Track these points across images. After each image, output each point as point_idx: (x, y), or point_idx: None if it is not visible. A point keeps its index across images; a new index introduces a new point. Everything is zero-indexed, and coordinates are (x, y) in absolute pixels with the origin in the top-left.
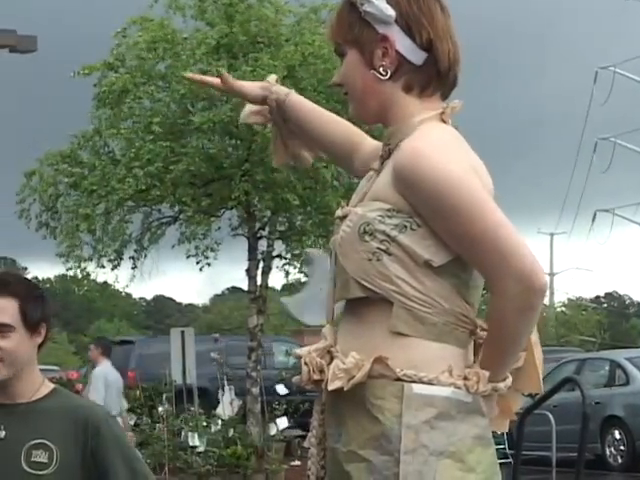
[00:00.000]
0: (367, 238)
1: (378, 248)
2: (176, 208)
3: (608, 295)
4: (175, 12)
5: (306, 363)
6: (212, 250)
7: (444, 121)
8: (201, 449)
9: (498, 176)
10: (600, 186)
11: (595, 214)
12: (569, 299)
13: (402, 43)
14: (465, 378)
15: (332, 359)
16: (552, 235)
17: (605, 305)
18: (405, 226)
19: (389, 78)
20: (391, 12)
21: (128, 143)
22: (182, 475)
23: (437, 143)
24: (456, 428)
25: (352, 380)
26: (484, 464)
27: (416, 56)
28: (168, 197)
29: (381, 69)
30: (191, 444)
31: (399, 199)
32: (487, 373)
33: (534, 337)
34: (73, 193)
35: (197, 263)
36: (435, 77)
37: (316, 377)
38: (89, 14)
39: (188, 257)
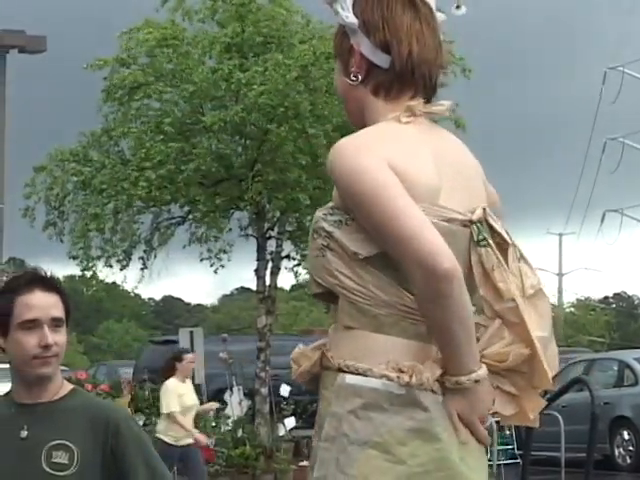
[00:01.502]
0: (315, 236)
1: (322, 244)
2: (185, 208)
3: (617, 295)
4: (184, 18)
5: (294, 360)
6: (224, 252)
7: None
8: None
9: (509, 178)
10: (609, 186)
11: (604, 214)
12: (578, 299)
13: (366, 48)
14: (400, 370)
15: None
16: (561, 235)
17: (614, 305)
18: (341, 222)
19: (361, 83)
20: (352, 20)
21: (138, 143)
22: None
23: (355, 139)
24: (386, 420)
25: (299, 369)
26: (422, 458)
27: (381, 59)
28: (179, 197)
29: (351, 75)
30: None
31: (336, 196)
32: (422, 367)
33: (539, 333)
34: (81, 192)
35: (211, 266)
36: (397, 78)
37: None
38: (97, 14)
39: (202, 260)
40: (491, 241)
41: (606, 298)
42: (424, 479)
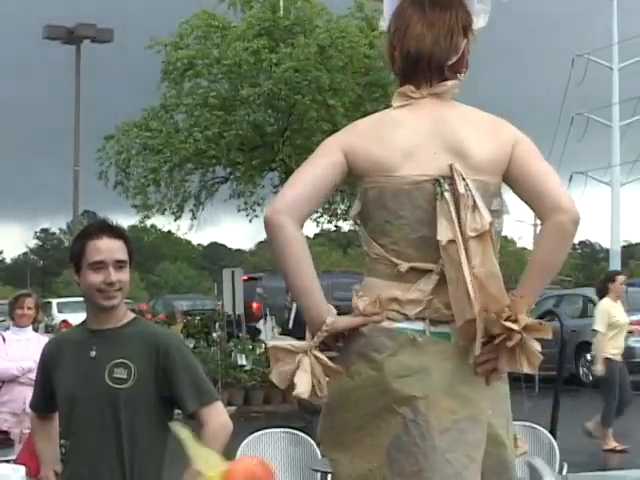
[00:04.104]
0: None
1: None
2: (227, 170)
3: (582, 243)
4: (229, 7)
5: None
6: (258, 204)
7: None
8: (248, 367)
9: None
10: (576, 153)
11: (571, 176)
12: None
13: (394, 49)
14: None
15: None
16: None
17: (580, 251)
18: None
19: (397, 75)
20: (384, 27)
21: (189, 114)
22: (232, 389)
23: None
24: (347, 345)
25: None
26: (363, 375)
27: (396, 58)
28: (222, 159)
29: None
30: (239, 363)
31: None
32: (368, 299)
33: (480, 269)
34: (142, 153)
35: (247, 216)
36: (402, 72)
37: None
38: (157, 11)
39: (239, 211)
40: (447, 194)
41: (573, 245)
42: (360, 392)
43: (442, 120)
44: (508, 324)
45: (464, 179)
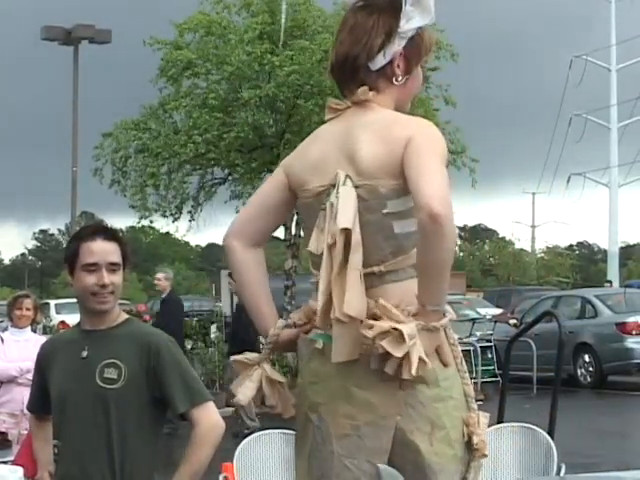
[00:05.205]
0: None
1: None
2: (226, 171)
3: (580, 244)
4: (224, 10)
5: None
6: None
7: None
8: None
9: (493, 148)
10: (574, 154)
11: (569, 177)
12: (548, 247)
13: None
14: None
15: None
16: (534, 194)
17: (577, 252)
18: None
19: None
20: None
21: (188, 115)
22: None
23: None
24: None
25: None
26: (299, 382)
27: None
28: (222, 160)
29: None
30: None
31: None
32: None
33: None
34: (141, 155)
35: None
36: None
37: None
38: (156, 11)
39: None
40: (327, 204)
41: (571, 246)
42: (297, 399)
43: (348, 129)
44: (363, 332)
45: (339, 187)
